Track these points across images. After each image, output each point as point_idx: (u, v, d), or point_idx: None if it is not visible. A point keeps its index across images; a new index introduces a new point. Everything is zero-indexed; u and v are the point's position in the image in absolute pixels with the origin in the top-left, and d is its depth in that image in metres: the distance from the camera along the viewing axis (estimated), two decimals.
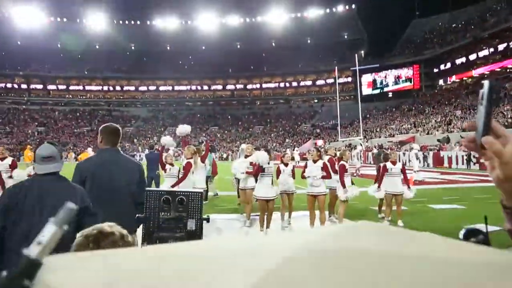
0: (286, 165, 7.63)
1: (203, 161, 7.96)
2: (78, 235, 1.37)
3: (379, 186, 8.12)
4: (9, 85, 71.47)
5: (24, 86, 72.43)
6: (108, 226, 1.41)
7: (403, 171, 8.05)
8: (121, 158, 3.19)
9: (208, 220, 2.18)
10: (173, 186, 7.04)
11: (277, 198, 7.40)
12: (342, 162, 7.66)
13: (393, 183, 7.95)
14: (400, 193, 7.93)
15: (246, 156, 7.94)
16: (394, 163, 8.04)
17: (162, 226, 1.91)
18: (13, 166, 9.53)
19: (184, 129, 8.57)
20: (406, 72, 59.99)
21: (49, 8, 65.32)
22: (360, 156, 27.83)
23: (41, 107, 70.63)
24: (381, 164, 8.40)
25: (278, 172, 7.40)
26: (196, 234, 1.94)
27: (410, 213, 8.96)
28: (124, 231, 1.46)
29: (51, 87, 73.86)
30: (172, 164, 7.71)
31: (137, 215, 2.00)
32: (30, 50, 65.41)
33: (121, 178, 2.99)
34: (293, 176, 7.74)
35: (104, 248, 1.13)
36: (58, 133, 64.08)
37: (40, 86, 73.07)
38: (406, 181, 8.13)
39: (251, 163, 7.58)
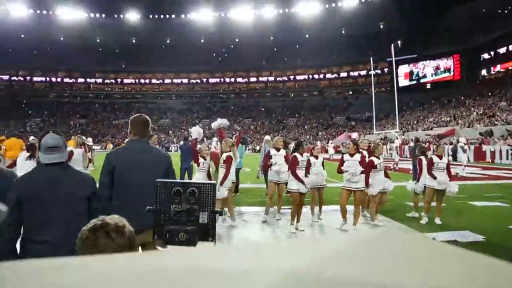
0: (316, 157, 7.42)
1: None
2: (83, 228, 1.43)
3: (417, 181, 7.89)
4: (53, 79, 74.78)
5: (66, 80, 75.62)
6: (109, 218, 1.43)
7: (448, 166, 7.66)
8: (149, 148, 3.21)
9: (221, 213, 2.10)
10: (222, 183, 6.94)
11: (308, 192, 7.16)
12: (371, 158, 7.33)
13: (437, 177, 7.54)
14: (443, 189, 7.52)
15: (278, 150, 7.66)
16: (440, 157, 7.68)
17: (173, 219, 1.82)
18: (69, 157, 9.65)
19: (220, 121, 8.36)
20: (445, 62, 57.63)
21: (88, 4, 67.19)
22: (397, 150, 27.06)
23: (83, 100, 73.35)
24: (421, 158, 8.04)
25: (308, 165, 7.12)
26: (209, 228, 1.85)
27: (449, 211, 8.54)
28: (122, 224, 1.44)
29: (91, 80, 76.77)
30: (205, 158, 7.36)
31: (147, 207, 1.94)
32: (71, 46, 67.68)
33: (149, 168, 3.01)
34: (323, 168, 7.54)
35: (99, 238, 1.34)
36: (98, 124, 66.45)
37: (81, 80, 75.98)
38: (449, 176, 7.70)
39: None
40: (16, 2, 63.91)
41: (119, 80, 78.32)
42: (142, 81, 79.10)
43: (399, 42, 64.13)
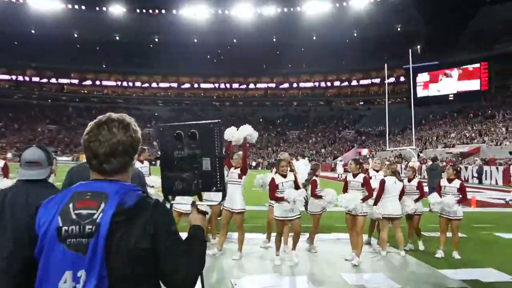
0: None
1: (244, 172, 6.95)
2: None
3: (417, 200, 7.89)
4: (20, 78, 74.62)
5: (35, 79, 75.48)
6: (118, 115, 1.62)
7: (461, 191, 7.41)
8: None
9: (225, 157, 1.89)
10: None
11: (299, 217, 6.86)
12: (385, 177, 7.56)
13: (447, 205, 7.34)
14: (455, 218, 7.30)
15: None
16: (450, 180, 7.54)
17: (177, 165, 1.87)
18: (5, 171, 9.17)
19: (248, 130, 6.85)
20: (471, 70, 57.68)
21: None
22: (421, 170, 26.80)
23: (54, 103, 73.07)
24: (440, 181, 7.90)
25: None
26: (213, 176, 1.86)
27: (470, 243, 8.34)
28: (128, 121, 1.61)
29: (64, 81, 76.70)
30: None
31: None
32: (44, 40, 67.67)
33: None
34: (313, 192, 7.61)
35: (100, 132, 1.53)
36: (71, 132, 65.91)
37: (53, 80, 76.01)
38: (464, 201, 7.49)
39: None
40: None
41: (97, 81, 78.26)
42: (124, 83, 79.20)
43: (418, 46, 64.33)
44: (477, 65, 56.86)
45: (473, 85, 57.38)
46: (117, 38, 76.38)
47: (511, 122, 43.20)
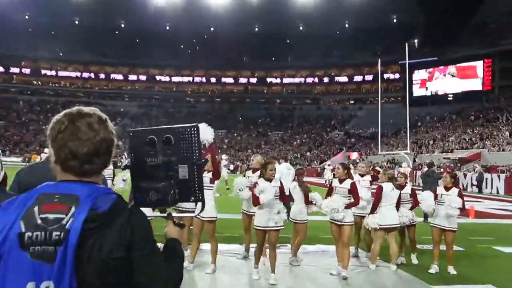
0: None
1: (217, 177, 7.27)
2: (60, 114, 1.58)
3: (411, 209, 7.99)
4: None
5: None
6: (89, 109, 1.58)
7: (460, 198, 7.51)
8: None
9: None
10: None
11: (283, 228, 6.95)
12: (383, 183, 7.68)
13: (442, 214, 7.48)
14: (450, 229, 7.43)
15: (254, 170, 7.78)
16: (448, 188, 7.66)
17: (150, 174, 1.87)
18: None
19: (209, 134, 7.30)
20: (474, 68, 58.68)
21: None
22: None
23: (1, 95, 71.48)
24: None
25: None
26: (191, 185, 1.90)
27: (467, 257, 8.46)
28: (104, 116, 1.60)
29: (14, 70, 75.08)
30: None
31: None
32: None
33: None
34: (306, 198, 7.68)
35: (79, 128, 1.49)
36: (21, 129, 64.74)
37: (0, 69, 74.14)
38: (461, 212, 7.64)
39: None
40: None
41: (53, 71, 76.73)
42: (85, 74, 78.10)
43: (415, 40, 65.28)
44: (480, 62, 57.75)
45: (475, 84, 58.38)
46: (77, 22, 75.32)
47: None
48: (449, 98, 61.66)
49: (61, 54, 75.56)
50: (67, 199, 1.43)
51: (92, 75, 78.37)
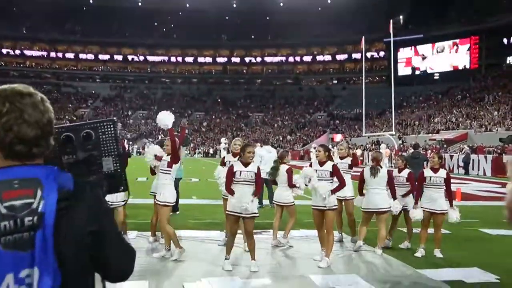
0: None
1: (169, 153, 7.10)
2: None
3: (416, 202, 7.72)
4: None
5: None
6: (23, 86, 1.53)
7: (447, 181, 7.64)
8: None
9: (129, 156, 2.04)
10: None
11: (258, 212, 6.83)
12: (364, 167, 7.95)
13: (430, 197, 7.53)
14: (441, 212, 7.49)
15: (235, 155, 7.58)
16: (435, 170, 7.70)
17: (70, 172, 1.73)
18: None
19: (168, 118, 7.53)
20: (459, 45, 59.15)
21: None
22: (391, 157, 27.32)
23: None
24: (424, 171, 8.07)
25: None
26: (119, 175, 1.95)
27: (454, 240, 8.58)
28: (43, 95, 1.57)
29: None
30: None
31: None
32: None
33: None
34: (289, 181, 7.91)
35: (23, 110, 1.43)
36: None
37: None
38: (449, 196, 7.70)
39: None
40: None
41: (18, 50, 75.22)
42: (52, 54, 76.51)
43: (400, 17, 65.39)
44: (467, 40, 58.15)
45: (462, 62, 58.91)
46: None
47: (503, 105, 44.38)
48: (435, 77, 62.21)
49: (24, 32, 73.78)
50: (29, 183, 1.41)
51: (60, 54, 76.89)
